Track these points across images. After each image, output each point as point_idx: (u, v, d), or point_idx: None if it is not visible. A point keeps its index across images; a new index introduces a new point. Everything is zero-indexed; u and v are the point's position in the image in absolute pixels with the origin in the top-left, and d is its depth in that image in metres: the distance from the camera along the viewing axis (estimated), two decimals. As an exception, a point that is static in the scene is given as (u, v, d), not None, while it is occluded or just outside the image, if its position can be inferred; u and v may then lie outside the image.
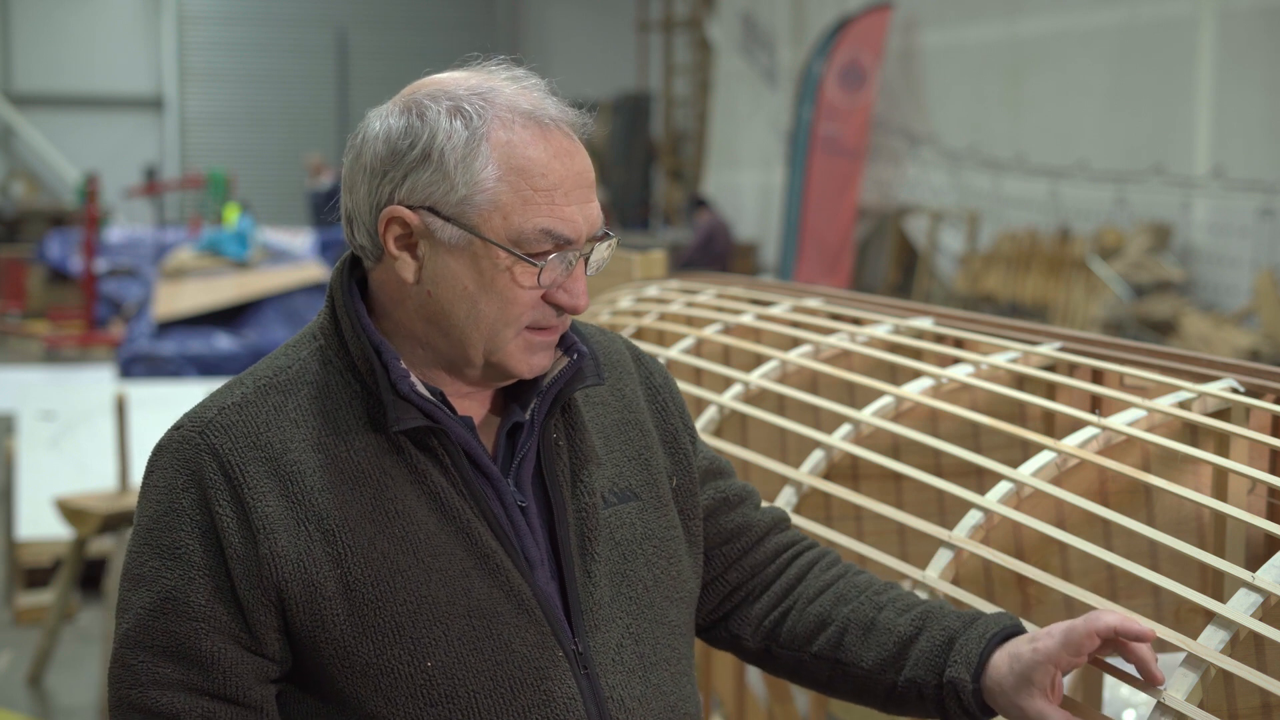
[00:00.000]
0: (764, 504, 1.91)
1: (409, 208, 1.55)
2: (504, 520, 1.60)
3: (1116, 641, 1.60)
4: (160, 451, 1.59)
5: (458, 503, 1.57)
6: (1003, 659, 1.64)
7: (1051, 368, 2.37)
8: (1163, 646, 1.80)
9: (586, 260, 1.59)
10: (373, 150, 1.57)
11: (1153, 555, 1.95)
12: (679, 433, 1.78)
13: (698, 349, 2.91)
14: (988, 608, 1.87)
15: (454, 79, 1.59)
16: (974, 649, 1.66)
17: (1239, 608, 1.63)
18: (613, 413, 1.73)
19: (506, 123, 1.54)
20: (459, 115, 1.54)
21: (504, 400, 1.66)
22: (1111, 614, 1.60)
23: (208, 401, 1.61)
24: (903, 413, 2.35)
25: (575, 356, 1.65)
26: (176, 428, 1.59)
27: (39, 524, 6.33)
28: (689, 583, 1.73)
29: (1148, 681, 1.60)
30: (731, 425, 2.61)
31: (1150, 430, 2.01)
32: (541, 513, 1.63)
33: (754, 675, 3.36)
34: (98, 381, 10.47)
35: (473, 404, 1.64)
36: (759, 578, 1.83)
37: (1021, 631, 1.67)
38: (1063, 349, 2.38)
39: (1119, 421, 2.03)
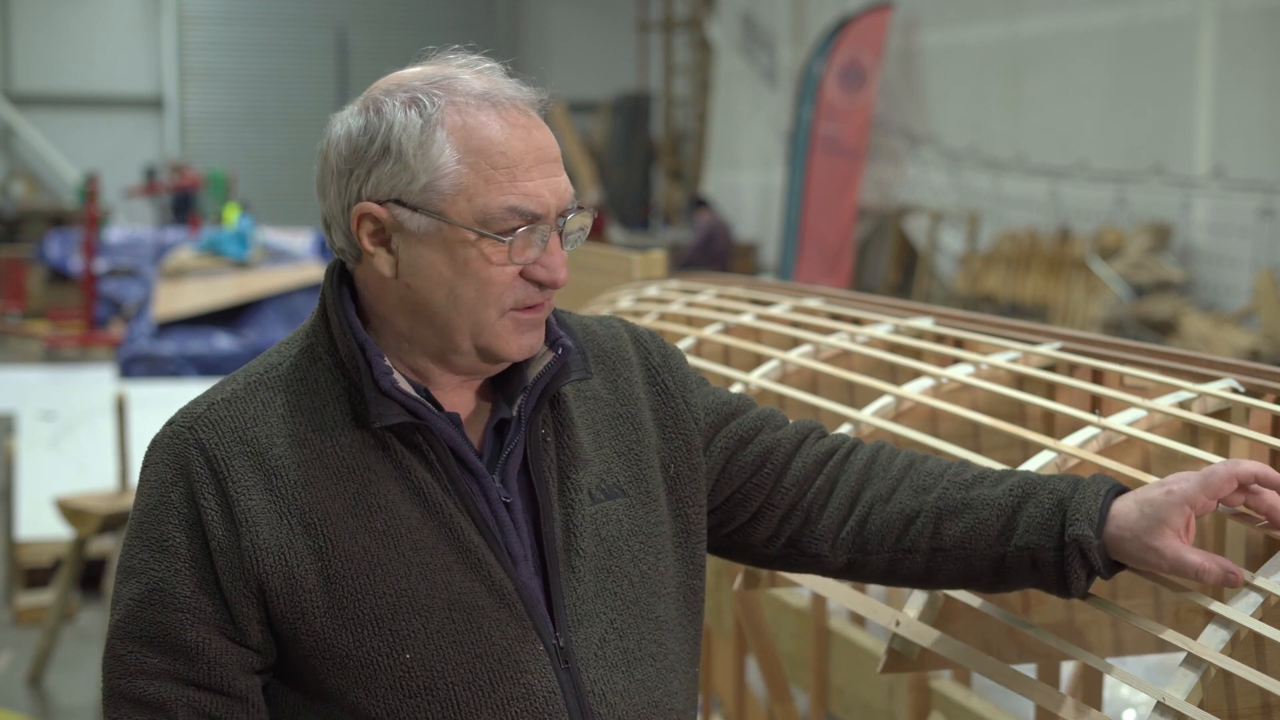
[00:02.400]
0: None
1: (377, 203, 1.57)
2: (488, 516, 1.60)
3: (1249, 489, 1.61)
4: (153, 447, 1.63)
5: (441, 498, 1.58)
6: (1128, 506, 1.62)
7: (1051, 368, 2.37)
8: (1162, 646, 1.80)
9: (561, 234, 1.59)
10: (337, 152, 1.60)
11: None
12: (680, 414, 1.75)
13: (698, 349, 2.91)
14: (988, 608, 1.87)
15: (411, 73, 1.62)
16: (1092, 505, 1.63)
17: (1239, 608, 1.63)
18: (605, 407, 1.72)
19: (461, 106, 1.56)
20: (414, 105, 1.56)
21: (492, 395, 1.66)
22: (1253, 461, 1.62)
23: (200, 398, 1.64)
24: (903, 413, 2.35)
25: (560, 351, 1.65)
26: (169, 423, 1.62)
27: (39, 524, 6.33)
28: (677, 578, 1.72)
29: None
30: (731, 425, 2.61)
31: (1150, 430, 2.01)
32: (527, 508, 1.63)
33: (754, 675, 3.36)
34: (98, 381, 10.47)
35: (460, 399, 1.64)
36: (811, 493, 1.77)
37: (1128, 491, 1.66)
38: (1063, 349, 2.38)
39: (1119, 421, 2.02)
